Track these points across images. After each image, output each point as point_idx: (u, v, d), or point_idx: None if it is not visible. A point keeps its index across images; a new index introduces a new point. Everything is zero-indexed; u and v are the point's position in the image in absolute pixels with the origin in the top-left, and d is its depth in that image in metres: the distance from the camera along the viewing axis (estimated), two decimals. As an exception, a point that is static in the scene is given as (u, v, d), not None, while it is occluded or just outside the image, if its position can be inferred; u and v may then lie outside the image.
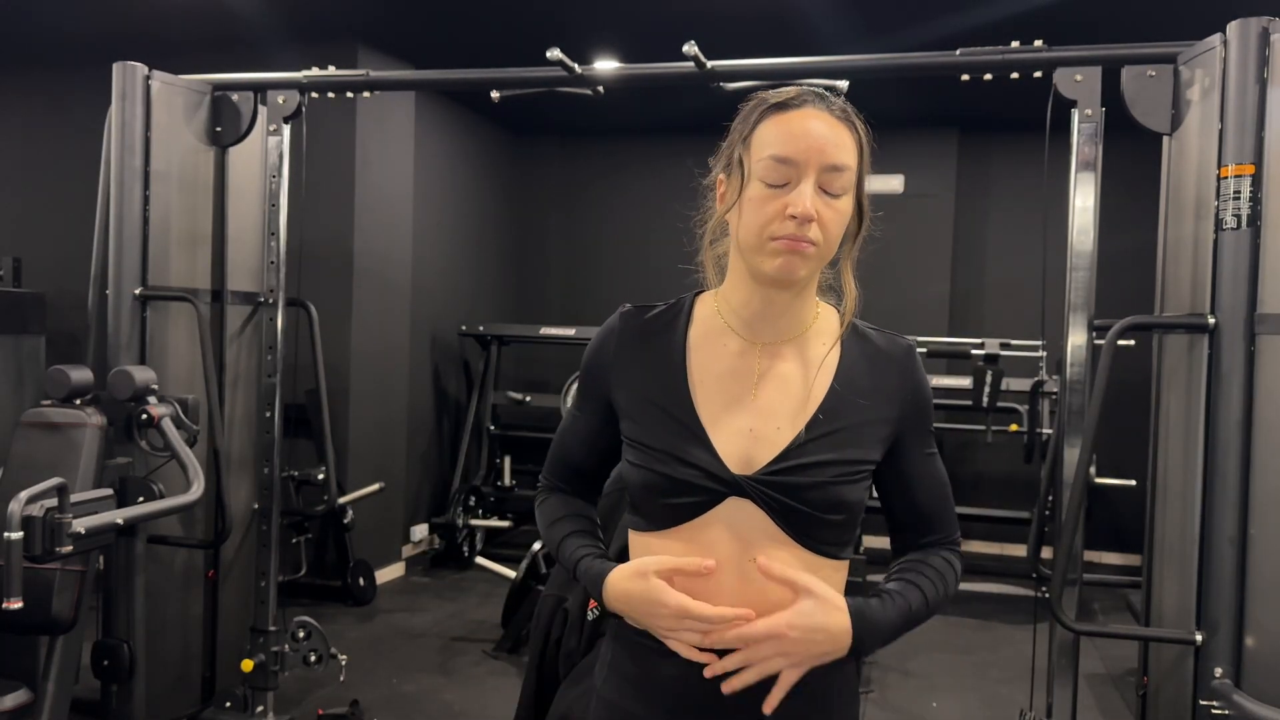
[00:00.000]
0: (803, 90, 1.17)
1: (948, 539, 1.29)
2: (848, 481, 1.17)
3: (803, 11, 4.22)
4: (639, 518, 1.23)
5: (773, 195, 1.13)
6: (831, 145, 1.13)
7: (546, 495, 1.38)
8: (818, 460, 1.16)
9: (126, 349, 3.10)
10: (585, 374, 1.31)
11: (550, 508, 1.36)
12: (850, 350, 1.23)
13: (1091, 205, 2.59)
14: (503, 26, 4.67)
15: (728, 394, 1.20)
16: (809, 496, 1.15)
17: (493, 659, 4.18)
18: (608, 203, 6.95)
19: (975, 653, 4.44)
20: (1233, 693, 2.22)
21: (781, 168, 1.13)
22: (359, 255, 5.04)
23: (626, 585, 1.17)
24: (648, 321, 1.27)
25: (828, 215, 1.13)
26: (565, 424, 1.36)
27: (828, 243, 1.14)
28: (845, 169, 1.14)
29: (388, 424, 5.39)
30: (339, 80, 3.19)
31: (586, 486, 1.37)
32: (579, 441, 1.34)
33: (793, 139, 1.13)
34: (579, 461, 1.35)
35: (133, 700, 3.02)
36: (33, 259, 4.88)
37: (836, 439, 1.17)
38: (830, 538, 1.18)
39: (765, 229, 1.13)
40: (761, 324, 1.21)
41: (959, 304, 6.44)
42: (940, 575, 1.25)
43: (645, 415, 1.21)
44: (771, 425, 1.18)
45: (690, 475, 1.16)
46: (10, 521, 2.24)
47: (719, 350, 1.22)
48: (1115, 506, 5.59)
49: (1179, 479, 2.43)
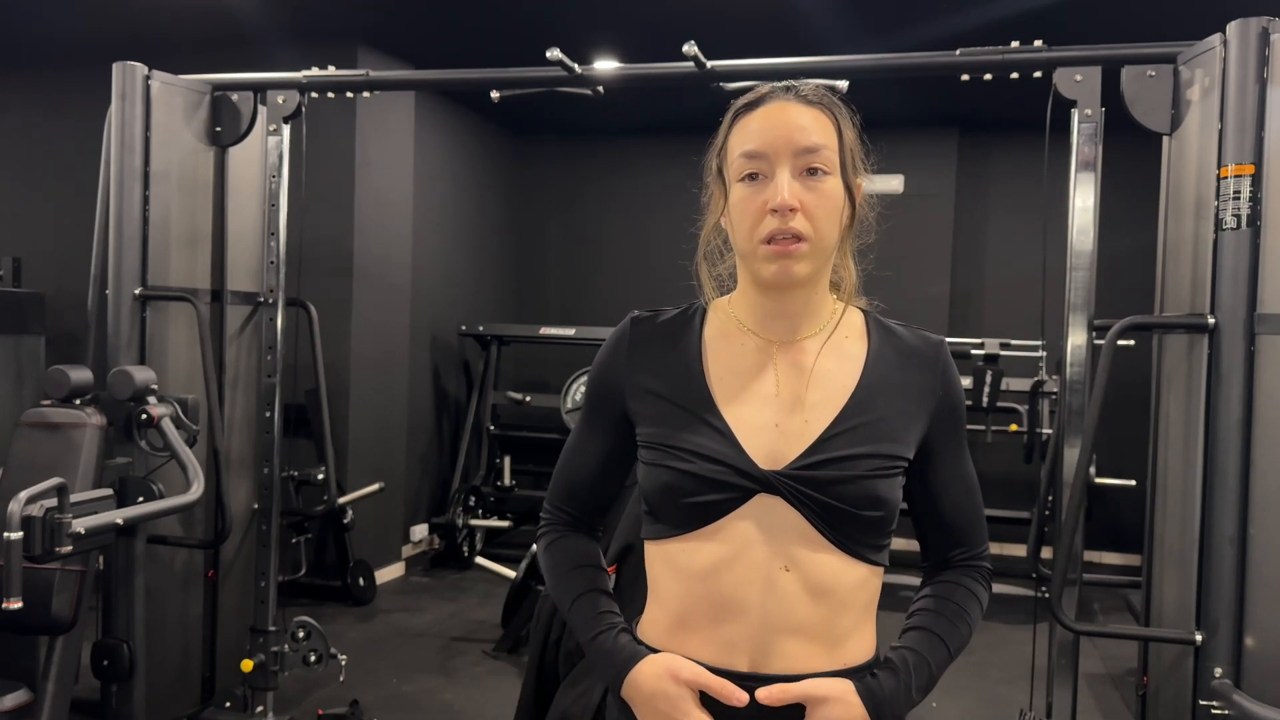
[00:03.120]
0: (772, 88, 1.16)
1: (977, 555, 1.24)
2: (883, 476, 1.12)
3: (803, 11, 4.22)
4: (659, 524, 1.17)
5: (753, 193, 1.11)
6: (798, 129, 1.10)
7: (553, 534, 1.30)
8: (850, 454, 1.11)
9: (126, 349, 3.10)
10: (596, 385, 1.25)
11: (558, 555, 1.27)
12: (878, 345, 1.19)
13: (1091, 205, 2.59)
14: (503, 26, 4.67)
15: (749, 390, 1.16)
16: (843, 491, 1.09)
17: (493, 659, 4.17)
18: (608, 203, 6.95)
19: (975, 653, 4.44)
20: (1233, 693, 2.22)
21: (753, 163, 1.11)
22: (359, 255, 5.04)
23: (653, 679, 1.12)
24: (660, 325, 1.23)
25: (811, 200, 1.10)
26: (572, 444, 1.29)
27: (819, 232, 1.11)
28: (820, 148, 1.11)
29: (388, 424, 5.39)
30: (339, 80, 3.19)
31: (595, 511, 1.30)
32: (587, 463, 1.27)
33: (758, 133, 1.12)
34: (589, 483, 1.28)
35: (133, 700, 3.01)
36: (33, 259, 4.88)
37: (868, 431, 1.13)
38: (867, 538, 1.12)
39: (754, 231, 1.11)
40: (776, 323, 1.18)
41: (959, 304, 6.44)
42: (962, 614, 1.19)
43: (664, 416, 1.16)
44: (798, 419, 1.13)
45: (715, 471, 1.11)
46: (10, 521, 2.24)
47: (736, 348, 1.19)
48: (1115, 506, 5.60)
49: (1179, 479, 2.43)
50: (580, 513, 1.29)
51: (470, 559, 5.66)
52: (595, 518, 1.31)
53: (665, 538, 1.16)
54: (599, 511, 1.31)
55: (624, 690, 1.14)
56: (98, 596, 3.05)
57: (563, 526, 1.29)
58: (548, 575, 1.27)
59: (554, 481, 1.31)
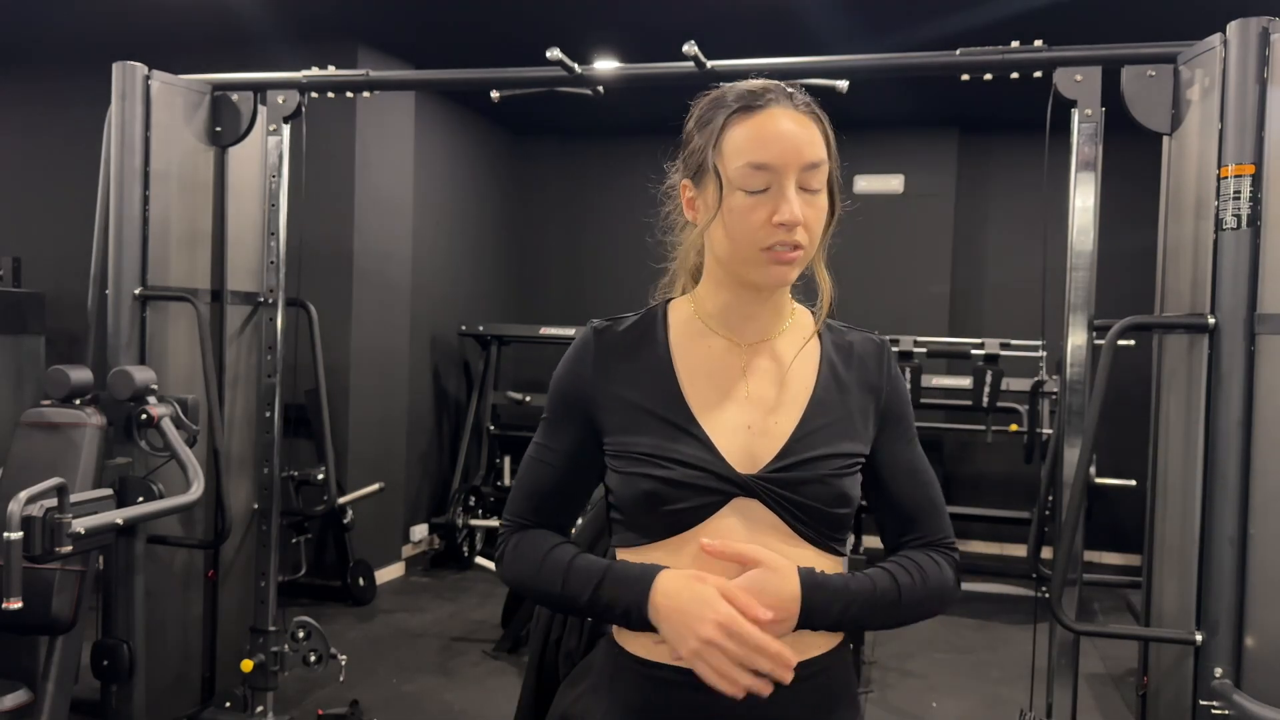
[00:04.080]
0: (765, 87, 1.15)
1: (937, 540, 1.24)
2: (847, 474, 1.17)
3: (803, 11, 4.22)
4: (633, 533, 1.16)
5: (756, 203, 1.12)
6: (805, 144, 1.12)
7: (517, 534, 1.24)
8: (818, 454, 1.15)
9: (126, 349, 3.09)
10: (558, 398, 1.23)
11: (531, 542, 1.22)
12: (829, 344, 1.24)
13: (1091, 205, 2.59)
14: (503, 27, 4.67)
15: (721, 392, 1.18)
16: (815, 491, 1.14)
17: (493, 659, 4.17)
18: (608, 203, 6.94)
19: (975, 653, 4.44)
20: (1233, 693, 2.22)
21: (761, 174, 1.12)
22: (359, 255, 5.04)
23: (680, 583, 1.09)
24: (623, 333, 1.24)
25: (810, 215, 1.13)
26: (531, 458, 1.25)
27: (812, 243, 1.15)
28: (821, 164, 1.14)
29: (388, 424, 5.39)
30: (339, 80, 3.19)
31: (558, 525, 1.25)
32: (551, 474, 1.23)
33: (767, 143, 1.12)
34: (550, 496, 1.24)
35: (132, 700, 3.01)
36: (33, 259, 4.88)
37: (831, 431, 1.18)
38: (836, 532, 1.18)
39: (754, 240, 1.12)
40: (744, 324, 1.21)
41: (959, 304, 6.44)
42: (918, 567, 1.19)
43: (636, 422, 1.17)
44: (769, 420, 1.17)
45: (695, 477, 1.13)
46: (10, 521, 2.23)
47: (703, 351, 1.21)
48: (1115, 506, 5.59)
49: (1179, 479, 2.43)
50: (543, 521, 1.24)
51: (470, 559, 5.66)
52: (561, 528, 1.25)
53: (641, 544, 1.16)
54: (564, 521, 1.26)
55: (652, 597, 1.10)
56: (98, 596, 3.05)
57: (526, 529, 1.25)
58: (523, 569, 1.21)
59: (513, 494, 1.26)
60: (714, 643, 1.05)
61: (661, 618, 1.10)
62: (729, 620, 1.05)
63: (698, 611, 1.06)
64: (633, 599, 1.11)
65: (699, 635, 1.06)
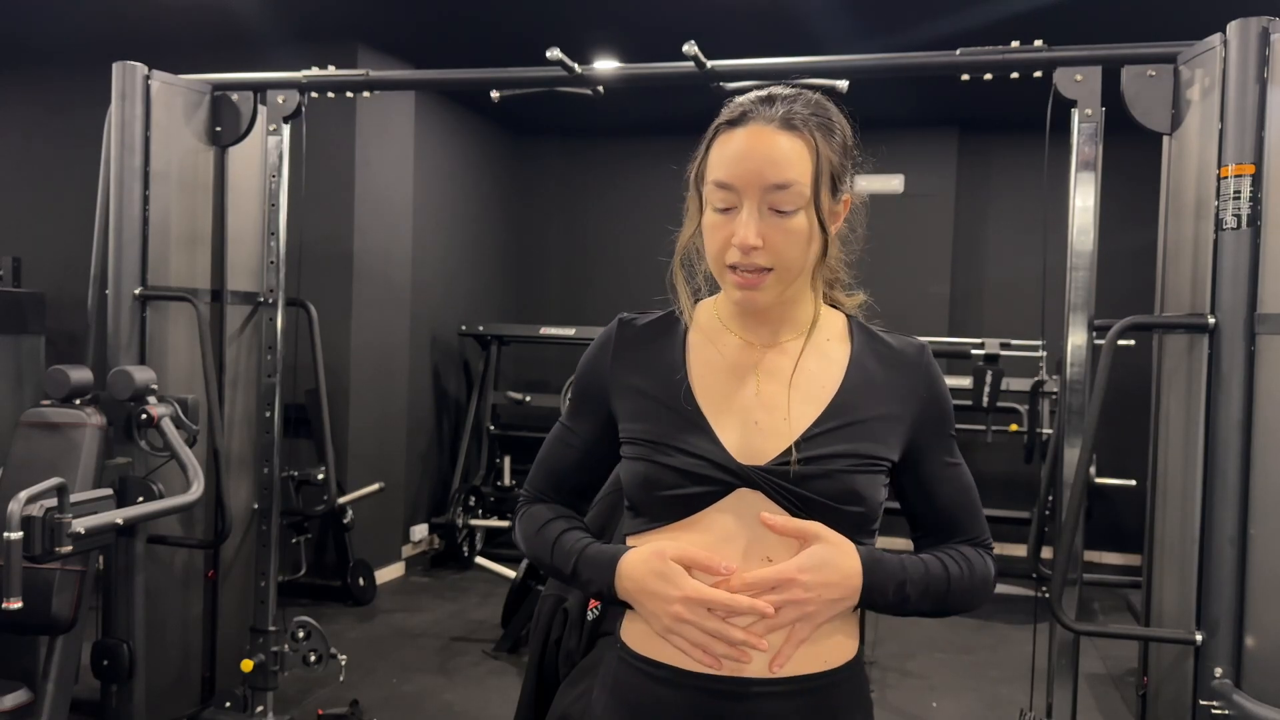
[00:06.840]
0: (752, 101, 1.15)
1: (976, 538, 1.25)
2: (860, 472, 1.14)
3: (803, 11, 4.22)
4: (640, 518, 1.19)
5: (723, 221, 1.13)
6: (769, 165, 1.10)
7: (529, 506, 1.32)
8: (828, 452, 1.14)
9: (126, 349, 3.10)
10: (581, 383, 1.28)
11: (535, 513, 1.29)
12: (860, 348, 1.23)
13: (1091, 205, 2.59)
14: (503, 26, 4.67)
15: (730, 388, 1.19)
16: (821, 485, 1.12)
17: (493, 659, 4.17)
18: (608, 203, 6.94)
19: (975, 653, 4.44)
20: (1233, 693, 2.22)
21: (724, 193, 1.12)
22: (359, 255, 5.04)
23: (640, 565, 1.12)
24: (645, 327, 1.27)
25: (776, 237, 1.11)
26: (555, 436, 1.32)
27: (784, 263, 1.12)
28: (788, 185, 1.10)
29: (388, 424, 5.39)
30: (339, 80, 3.19)
31: (573, 502, 1.32)
32: (570, 454, 1.30)
33: (731, 163, 1.12)
34: (568, 475, 1.30)
35: (132, 700, 3.01)
36: (33, 259, 4.88)
37: (849, 432, 1.16)
38: (850, 535, 1.13)
39: (720, 257, 1.14)
40: (757, 326, 1.22)
41: (959, 304, 6.44)
42: (965, 558, 1.21)
43: (646, 412, 1.20)
44: (778, 418, 1.16)
45: (694, 465, 1.14)
46: (10, 521, 2.23)
47: (719, 348, 1.22)
48: (1115, 506, 5.59)
49: (1179, 479, 2.43)
50: (559, 497, 1.31)
51: (470, 559, 5.66)
52: (575, 505, 1.32)
53: (646, 530, 1.18)
54: (579, 499, 1.33)
55: (617, 582, 1.15)
56: (98, 596, 3.05)
57: (539, 501, 1.31)
58: (526, 532, 1.28)
59: (535, 467, 1.33)
60: (683, 618, 1.08)
61: (631, 599, 1.15)
62: (694, 593, 1.08)
63: (662, 590, 1.10)
64: (603, 581, 1.17)
65: (668, 613, 1.09)
